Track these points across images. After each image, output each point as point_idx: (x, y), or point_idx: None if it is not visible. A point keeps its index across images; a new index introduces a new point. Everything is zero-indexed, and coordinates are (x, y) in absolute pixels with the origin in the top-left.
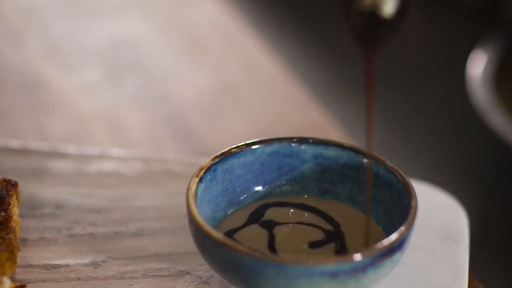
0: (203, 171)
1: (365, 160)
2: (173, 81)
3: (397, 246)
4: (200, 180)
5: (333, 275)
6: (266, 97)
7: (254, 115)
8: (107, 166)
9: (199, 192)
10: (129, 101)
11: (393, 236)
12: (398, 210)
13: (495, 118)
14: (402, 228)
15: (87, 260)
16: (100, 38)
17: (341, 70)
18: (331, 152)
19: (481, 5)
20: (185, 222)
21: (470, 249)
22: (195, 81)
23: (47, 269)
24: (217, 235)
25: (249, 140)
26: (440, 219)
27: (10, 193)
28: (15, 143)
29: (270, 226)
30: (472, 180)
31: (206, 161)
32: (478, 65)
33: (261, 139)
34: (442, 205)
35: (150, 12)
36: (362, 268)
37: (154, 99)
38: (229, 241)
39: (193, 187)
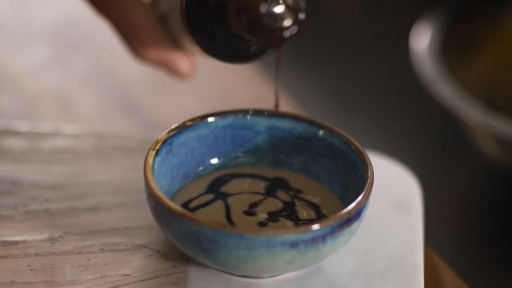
0: (159, 145)
1: (320, 131)
2: (121, 58)
3: (355, 216)
4: (157, 154)
5: (293, 245)
6: (213, 71)
7: (203, 89)
8: (61, 143)
9: (156, 166)
10: (78, 79)
11: (351, 206)
12: (353, 180)
13: (442, 89)
14: (360, 197)
15: (44, 236)
16: (47, 17)
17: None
18: (285, 124)
19: None
20: (141, 196)
21: (424, 218)
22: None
23: (5, 246)
24: (177, 207)
25: (199, 114)
26: (394, 189)
27: None
28: None
29: (226, 196)
30: (422, 150)
31: (160, 135)
32: (422, 38)
33: (215, 111)
34: (395, 175)
35: None
36: (321, 238)
37: (103, 76)
38: (188, 213)
39: (150, 160)
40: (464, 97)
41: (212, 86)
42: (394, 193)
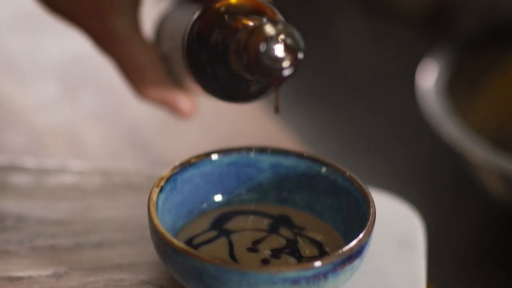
0: (163, 181)
1: (323, 169)
2: (129, 95)
3: (356, 253)
4: (161, 190)
5: (295, 282)
6: (221, 108)
7: (209, 126)
8: (67, 179)
9: (160, 202)
10: (86, 115)
11: (353, 243)
12: (356, 217)
13: (447, 126)
14: (361, 235)
15: (49, 271)
16: (55, 53)
17: (295, 83)
18: (288, 161)
19: (427, 14)
20: (145, 232)
21: (427, 256)
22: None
23: (11, 281)
24: (179, 244)
25: (205, 150)
26: (397, 226)
27: None
28: None
29: (230, 233)
30: (426, 188)
31: (165, 171)
32: (428, 75)
33: (220, 149)
34: (398, 213)
35: None
36: (323, 275)
37: (111, 113)
38: (191, 250)
39: (154, 197)
40: (470, 135)
41: (220, 123)
42: (397, 230)
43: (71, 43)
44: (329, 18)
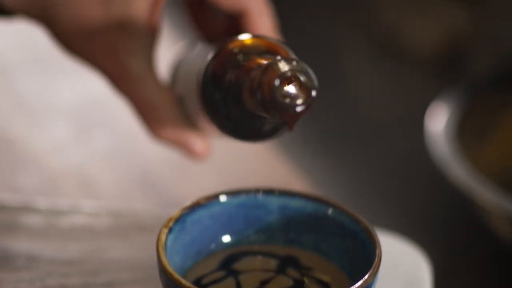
0: (172, 222)
1: (330, 210)
2: (140, 136)
3: None
4: (170, 231)
5: None
6: (232, 150)
7: (221, 167)
8: (78, 220)
9: (169, 243)
10: (98, 157)
11: (358, 284)
12: (362, 258)
13: (455, 170)
14: (367, 276)
15: None
16: (68, 95)
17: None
18: (296, 203)
19: (438, 56)
20: (155, 272)
21: None
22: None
23: None
24: (187, 284)
25: (215, 191)
26: (403, 267)
27: None
28: None
29: (238, 274)
30: (434, 229)
31: (174, 212)
32: (437, 118)
33: (228, 190)
34: (405, 254)
35: None
36: None
37: (122, 154)
38: None
39: (163, 237)
40: (479, 178)
41: (231, 165)
42: (404, 271)
43: (84, 86)
44: (340, 59)
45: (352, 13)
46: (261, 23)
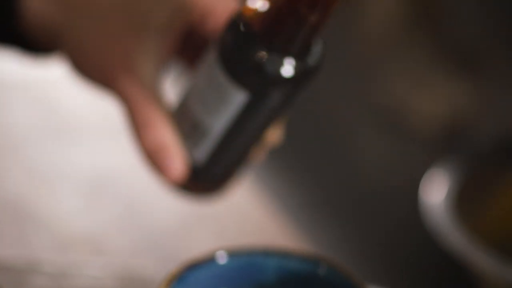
0: (168, 282)
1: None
2: (146, 205)
3: None
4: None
5: None
6: (233, 212)
7: (222, 229)
8: (84, 283)
9: None
10: (109, 225)
11: None
12: None
13: (452, 238)
14: None
15: None
16: (78, 163)
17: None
18: (292, 263)
19: (435, 132)
20: None
21: None
22: (172, 207)
23: None
24: None
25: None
26: None
27: None
28: None
29: None
30: None
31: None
32: (433, 187)
33: (223, 250)
34: None
35: (130, 141)
36: None
37: (132, 224)
38: None
39: None
40: (476, 247)
41: (233, 227)
42: None
43: (97, 156)
44: (342, 128)
45: (355, 85)
46: None
